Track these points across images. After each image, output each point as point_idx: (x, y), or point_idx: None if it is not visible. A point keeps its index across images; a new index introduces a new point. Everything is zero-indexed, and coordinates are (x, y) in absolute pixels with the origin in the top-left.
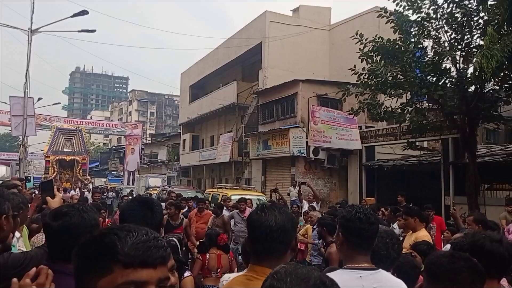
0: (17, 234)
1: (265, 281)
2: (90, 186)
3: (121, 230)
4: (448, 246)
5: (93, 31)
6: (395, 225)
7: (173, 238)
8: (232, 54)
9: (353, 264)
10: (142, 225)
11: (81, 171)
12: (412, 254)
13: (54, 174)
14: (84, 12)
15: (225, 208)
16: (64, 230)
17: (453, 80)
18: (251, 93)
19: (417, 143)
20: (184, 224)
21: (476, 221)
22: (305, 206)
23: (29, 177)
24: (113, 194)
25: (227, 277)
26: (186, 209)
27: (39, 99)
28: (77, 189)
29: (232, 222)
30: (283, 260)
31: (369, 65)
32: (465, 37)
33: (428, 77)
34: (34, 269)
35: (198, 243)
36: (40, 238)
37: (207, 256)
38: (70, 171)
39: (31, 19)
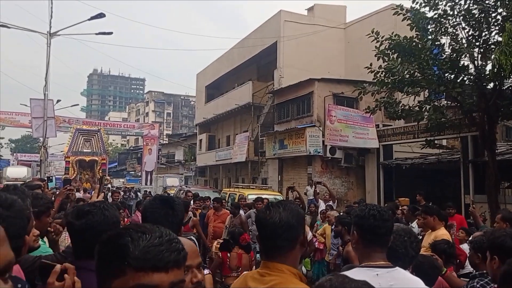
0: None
1: None
2: (109, 186)
3: (136, 231)
4: (465, 246)
5: (110, 33)
6: (414, 224)
7: (191, 236)
8: (247, 54)
9: (369, 262)
10: (163, 223)
11: (100, 171)
12: (434, 256)
13: (74, 175)
14: (101, 15)
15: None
16: (87, 229)
17: (472, 77)
18: (266, 93)
19: (435, 141)
20: (191, 223)
21: (504, 219)
22: (322, 205)
23: (51, 177)
24: (133, 194)
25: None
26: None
27: (58, 101)
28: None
29: (249, 221)
30: (293, 256)
31: (385, 63)
32: (483, 34)
33: (446, 75)
34: (58, 266)
35: (217, 241)
36: (63, 237)
37: (229, 255)
38: (89, 172)
39: (50, 22)
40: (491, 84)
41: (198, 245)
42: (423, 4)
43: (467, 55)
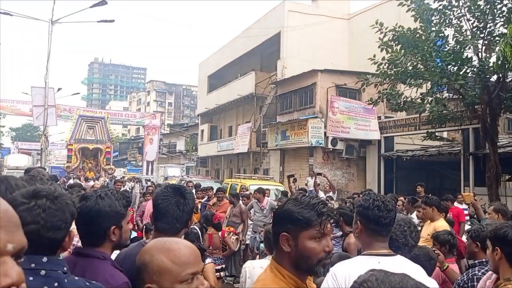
0: None
1: None
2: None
3: None
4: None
5: (112, 21)
6: (414, 215)
7: (195, 226)
8: (250, 44)
9: (371, 251)
10: (175, 211)
11: (105, 160)
12: (436, 251)
13: (77, 163)
14: (103, 2)
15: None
16: (80, 215)
17: (475, 69)
18: (269, 83)
19: (436, 134)
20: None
21: (496, 210)
22: (322, 196)
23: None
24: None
25: (250, 265)
26: (206, 198)
27: (59, 89)
28: (102, 178)
29: (252, 211)
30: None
31: (389, 55)
32: (488, 25)
33: (449, 67)
34: None
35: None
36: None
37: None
38: (93, 160)
39: (52, 10)
40: (495, 77)
41: (201, 234)
42: None
43: (471, 47)
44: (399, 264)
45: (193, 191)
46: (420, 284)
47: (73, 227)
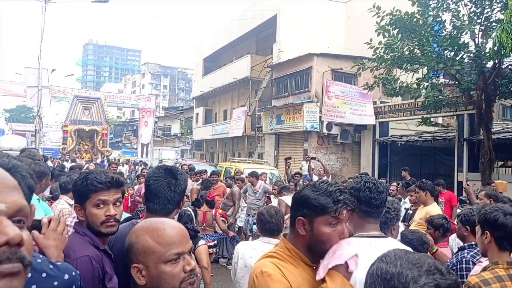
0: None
1: (373, 264)
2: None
3: None
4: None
5: (106, 1)
6: (407, 200)
7: (188, 208)
8: (246, 27)
9: (363, 232)
10: (166, 192)
11: (101, 142)
12: (429, 231)
13: (73, 145)
14: None
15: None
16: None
17: (471, 55)
18: (265, 67)
19: (431, 119)
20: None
21: (488, 195)
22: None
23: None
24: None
25: (242, 246)
26: (199, 181)
27: (53, 70)
28: (98, 160)
29: (247, 195)
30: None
31: (385, 39)
32: (485, 11)
33: (446, 52)
34: (45, 218)
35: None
36: (62, 203)
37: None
38: (89, 142)
39: None
40: (491, 63)
41: (195, 216)
42: None
43: (468, 32)
44: (390, 246)
45: (188, 174)
46: (438, 263)
47: (65, 207)
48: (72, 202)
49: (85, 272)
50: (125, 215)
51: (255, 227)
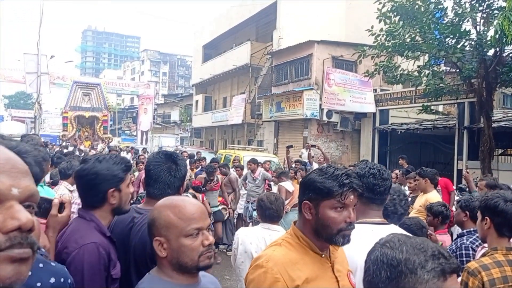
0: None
1: (374, 250)
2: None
3: None
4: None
5: None
6: (406, 187)
7: (188, 194)
8: (246, 13)
9: (365, 219)
10: (166, 177)
11: (102, 128)
12: (429, 218)
13: (73, 132)
14: None
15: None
16: (77, 177)
17: (473, 42)
18: (265, 54)
19: (432, 107)
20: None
21: (488, 186)
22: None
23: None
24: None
25: (242, 232)
26: (199, 168)
27: (52, 56)
28: (100, 145)
29: (247, 182)
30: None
31: (387, 26)
32: None
33: (447, 39)
34: (56, 199)
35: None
36: (62, 188)
37: None
38: (89, 129)
39: None
40: (492, 51)
41: None
42: None
43: (470, 19)
44: (392, 233)
45: (188, 161)
46: (440, 247)
47: (65, 192)
48: (72, 187)
49: (92, 259)
50: None
51: (254, 213)
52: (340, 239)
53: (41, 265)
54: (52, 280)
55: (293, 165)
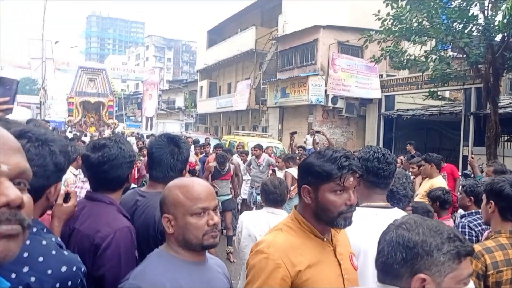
0: None
1: (389, 232)
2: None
3: None
4: None
5: None
6: (409, 173)
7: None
8: None
9: (369, 203)
10: (169, 160)
11: (107, 114)
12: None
13: (79, 117)
14: None
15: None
16: (103, 162)
17: (480, 27)
18: (270, 39)
19: (438, 93)
20: (233, 170)
21: (496, 172)
22: None
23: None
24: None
25: (246, 215)
26: (203, 154)
27: (56, 42)
28: (107, 131)
29: (251, 168)
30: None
31: (394, 10)
32: None
33: (455, 24)
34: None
35: None
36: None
37: None
38: (95, 114)
39: None
40: (499, 36)
41: None
42: None
43: (477, 4)
44: (396, 217)
45: (192, 147)
46: (455, 230)
47: (69, 176)
48: (76, 171)
49: (127, 243)
50: (133, 187)
51: (259, 198)
52: (342, 222)
53: (54, 252)
54: (64, 268)
55: (297, 151)
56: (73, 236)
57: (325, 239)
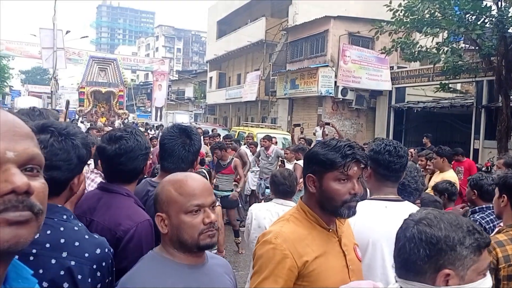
0: None
1: (409, 228)
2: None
3: None
4: None
5: None
6: (417, 166)
7: (203, 169)
8: None
9: (380, 195)
10: (180, 151)
11: (118, 104)
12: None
13: (90, 107)
14: None
15: (245, 146)
16: (121, 153)
17: (493, 19)
18: (280, 30)
19: (450, 86)
20: (234, 164)
21: (507, 164)
22: None
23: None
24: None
25: (256, 207)
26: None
27: (67, 32)
28: (117, 122)
29: (260, 159)
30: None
31: (405, 1)
32: None
33: (467, 16)
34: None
35: None
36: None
37: None
38: (106, 104)
39: None
40: None
41: (209, 177)
42: None
43: None
44: (406, 210)
45: (201, 137)
46: (473, 222)
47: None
48: (89, 161)
49: (148, 237)
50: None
51: (267, 190)
52: (345, 211)
53: (86, 236)
54: (98, 250)
55: (298, 143)
56: (92, 228)
57: (330, 230)
